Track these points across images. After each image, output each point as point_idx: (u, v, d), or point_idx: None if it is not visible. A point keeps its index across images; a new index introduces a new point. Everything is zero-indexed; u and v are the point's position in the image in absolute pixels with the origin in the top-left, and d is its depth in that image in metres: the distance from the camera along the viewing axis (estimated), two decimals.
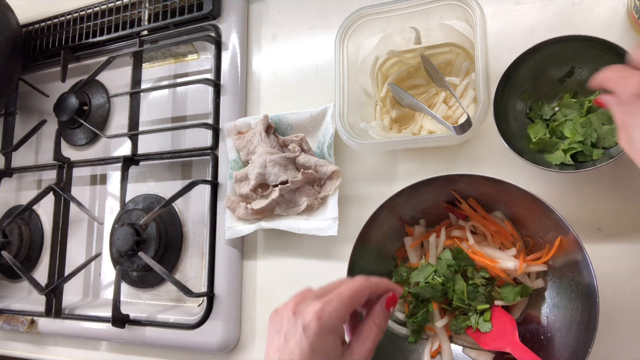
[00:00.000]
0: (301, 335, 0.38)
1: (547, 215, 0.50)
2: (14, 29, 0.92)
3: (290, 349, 0.38)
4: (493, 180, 0.51)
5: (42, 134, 0.99)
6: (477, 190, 0.56)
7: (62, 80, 0.93)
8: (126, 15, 0.90)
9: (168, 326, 0.75)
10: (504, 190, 0.52)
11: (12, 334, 0.91)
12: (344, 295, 0.40)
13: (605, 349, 0.53)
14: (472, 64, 0.65)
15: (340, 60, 0.66)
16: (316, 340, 0.38)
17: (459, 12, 0.61)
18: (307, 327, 0.38)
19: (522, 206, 0.53)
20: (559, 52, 0.56)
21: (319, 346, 0.38)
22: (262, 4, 0.82)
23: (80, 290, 0.90)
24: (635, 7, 0.55)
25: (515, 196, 0.52)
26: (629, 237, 0.55)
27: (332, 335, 0.39)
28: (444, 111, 0.65)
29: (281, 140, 0.72)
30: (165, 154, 0.83)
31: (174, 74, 0.89)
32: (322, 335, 0.38)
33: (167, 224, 0.83)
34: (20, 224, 0.96)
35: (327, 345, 0.38)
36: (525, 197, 0.50)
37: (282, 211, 0.70)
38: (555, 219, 0.49)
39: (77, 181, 0.93)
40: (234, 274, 0.73)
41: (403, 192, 0.54)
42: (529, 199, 0.50)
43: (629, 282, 0.54)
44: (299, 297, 0.41)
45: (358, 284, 0.42)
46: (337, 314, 0.39)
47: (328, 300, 0.40)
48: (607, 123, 0.55)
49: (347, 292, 0.40)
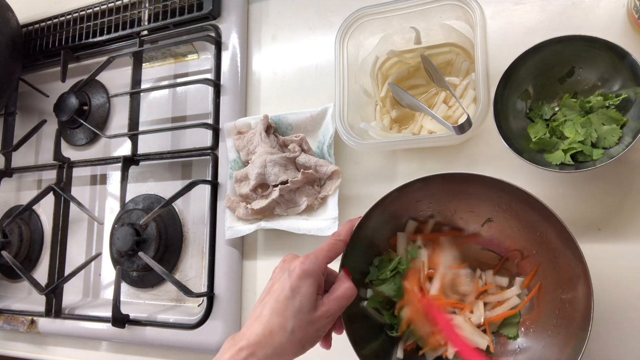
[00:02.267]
0: (285, 278, 0.46)
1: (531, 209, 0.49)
2: (14, 29, 0.92)
3: (275, 288, 0.46)
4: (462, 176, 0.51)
5: (42, 134, 0.99)
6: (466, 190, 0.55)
7: (62, 80, 0.93)
8: (126, 15, 0.90)
9: (168, 326, 0.75)
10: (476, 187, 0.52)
11: (12, 334, 0.91)
12: (322, 249, 0.49)
13: (606, 349, 0.53)
14: (472, 64, 0.65)
15: (340, 60, 0.66)
16: (296, 281, 0.45)
17: (459, 12, 0.61)
18: (292, 272, 0.46)
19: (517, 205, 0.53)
20: (559, 52, 0.56)
21: (298, 286, 0.45)
22: (262, 4, 0.82)
23: (80, 290, 0.90)
24: (635, 7, 0.55)
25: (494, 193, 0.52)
26: (629, 237, 0.55)
27: (310, 279, 0.46)
28: (444, 111, 0.65)
29: (281, 140, 0.72)
30: (165, 154, 0.83)
31: (174, 74, 0.89)
32: (302, 278, 0.46)
33: (167, 224, 0.83)
34: (20, 224, 0.96)
35: (305, 287, 0.45)
36: (517, 193, 0.49)
37: (282, 211, 0.70)
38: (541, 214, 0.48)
39: (77, 181, 0.93)
40: (234, 274, 0.73)
41: (390, 194, 0.53)
42: (521, 196, 0.49)
43: (629, 282, 0.54)
44: (291, 255, 0.49)
45: (332, 239, 0.51)
46: (317, 261, 0.47)
47: (309, 254, 0.48)
48: (607, 123, 0.55)
49: (325, 246, 0.50)
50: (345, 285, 0.49)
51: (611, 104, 0.55)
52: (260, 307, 0.46)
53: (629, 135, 0.53)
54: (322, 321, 0.46)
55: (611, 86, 0.56)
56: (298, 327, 0.44)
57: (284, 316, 0.44)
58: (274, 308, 0.45)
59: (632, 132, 0.53)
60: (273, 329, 0.44)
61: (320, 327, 0.46)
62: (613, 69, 0.55)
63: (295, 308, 0.44)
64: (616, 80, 0.55)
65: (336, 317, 0.48)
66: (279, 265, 0.49)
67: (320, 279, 0.48)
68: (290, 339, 0.44)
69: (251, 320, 0.46)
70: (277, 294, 0.45)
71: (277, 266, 0.49)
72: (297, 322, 0.44)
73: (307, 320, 0.45)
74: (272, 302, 0.45)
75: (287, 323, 0.44)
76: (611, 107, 0.55)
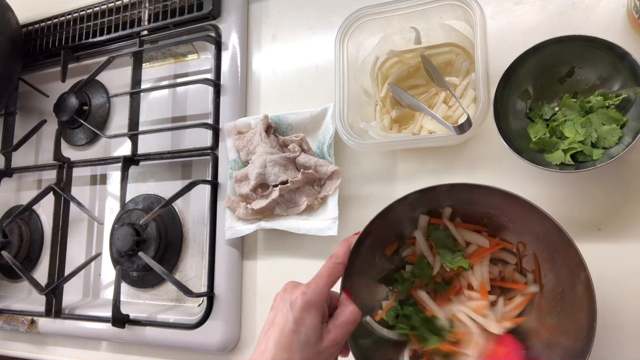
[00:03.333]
0: (288, 310, 0.45)
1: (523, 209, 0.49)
2: (14, 29, 0.92)
3: (278, 321, 0.45)
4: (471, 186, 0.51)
5: (42, 134, 0.99)
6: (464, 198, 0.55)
7: (62, 80, 0.93)
8: (126, 15, 0.90)
9: (168, 326, 0.75)
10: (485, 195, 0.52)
11: (12, 334, 0.91)
12: (321, 275, 0.48)
13: (606, 349, 0.53)
14: (472, 64, 0.65)
15: (340, 60, 0.66)
16: (300, 313, 0.44)
17: (459, 12, 0.61)
18: (294, 303, 0.45)
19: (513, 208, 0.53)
20: (559, 52, 0.56)
21: (302, 318, 0.44)
22: (262, 4, 0.82)
23: (80, 290, 0.90)
24: (635, 7, 0.55)
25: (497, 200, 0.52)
26: (629, 237, 0.55)
27: (314, 310, 0.45)
28: (444, 111, 0.65)
29: (281, 140, 0.72)
30: (165, 154, 0.83)
31: (174, 74, 0.89)
32: (305, 310, 0.44)
33: (167, 224, 0.83)
34: (20, 224, 0.96)
35: (309, 318, 0.44)
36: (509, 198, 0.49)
37: (282, 211, 0.70)
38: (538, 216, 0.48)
39: (77, 181, 0.93)
40: (234, 274, 0.73)
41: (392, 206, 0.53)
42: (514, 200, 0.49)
43: (629, 282, 0.54)
44: (292, 283, 0.49)
45: (331, 263, 0.50)
46: (318, 289, 0.46)
47: (310, 282, 0.47)
48: (607, 123, 0.55)
49: (324, 272, 0.48)
50: (349, 309, 0.48)
51: (611, 104, 0.55)
52: (265, 342, 0.44)
53: (629, 135, 0.53)
54: (329, 350, 0.45)
55: (611, 86, 0.56)
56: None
57: (290, 350, 0.43)
58: (279, 343, 0.43)
59: (632, 132, 0.53)
60: None
61: (329, 355, 0.45)
62: (613, 69, 0.55)
63: (301, 342, 0.43)
64: (616, 80, 0.55)
65: (343, 342, 0.47)
66: (280, 294, 0.48)
67: (324, 307, 0.47)
68: None
69: (257, 355, 0.44)
70: (281, 327, 0.44)
71: (278, 294, 0.48)
72: (304, 355, 0.43)
73: (315, 351, 0.44)
74: (276, 336, 0.44)
75: (294, 357, 0.43)
76: (611, 107, 0.55)
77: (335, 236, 0.65)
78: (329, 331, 0.46)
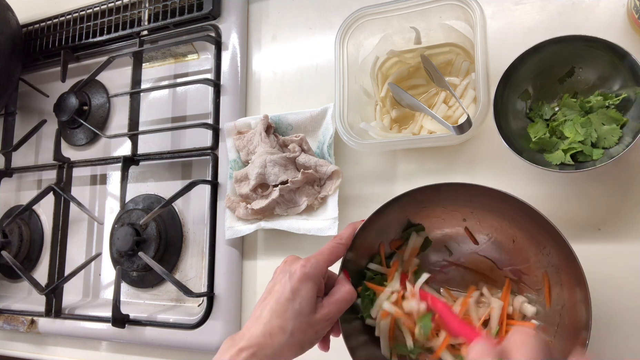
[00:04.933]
0: (286, 280, 0.46)
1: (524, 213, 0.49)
2: (14, 29, 0.92)
3: (276, 289, 0.47)
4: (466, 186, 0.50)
5: (42, 134, 0.99)
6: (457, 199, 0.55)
7: (62, 80, 0.93)
8: (126, 15, 0.90)
9: (168, 326, 0.75)
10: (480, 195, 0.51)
11: (12, 334, 0.91)
12: (323, 252, 0.50)
13: (606, 349, 0.53)
14: (472, 64, 0.65)
15: (340, 60, 0.66)
16: (297, 284, 0.46)
17: (459, 12, 0.61)
18: (292, 274, 0.47)
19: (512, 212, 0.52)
20: (559, 52, 0.56)
21: (298, 289, 0.46)
22: (262, 4, 0.82)
23: (80, 290, 0.90)
24: (635, 7, 0.55)
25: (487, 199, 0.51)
26: (629, 237, 0.55)
27: (311, 282, 0.46)
28: (444, 111, 0.65)
29: (281, 140, 0.72)
30: (165, 154, 0.83)
31: (174, 74, 0.89)
32: (302, 281, 0.46)
33: (167, 224, 0.83)
34: (20, 224, 0.96)
35: (305, 290, 0.46)
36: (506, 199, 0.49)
37: (282, 211, 0.70)
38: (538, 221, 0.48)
39: (77, 181, 0.93)
40: (234, 274, 0.73)
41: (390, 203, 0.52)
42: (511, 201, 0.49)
43: (629, 282, 0.54)
44: (292, 257, 0.50)
45: (334, 242, 0.51)
46: (317, 264, 0.48)
47: (310, 257, 0.49)
48: (607, 123, 0.55)
49: (326, 249, 0.50)
50: (345, 288, 0.49)
51: (611, 104, 0.55)
52: (261, 308, 0.46)
53: (629, 135, 0.53)
54: (321, 324, 0.47)
55: (611, 86, 0.56)
56: (297, 329, 0.45)
57: (284, 318, 0.45)
58: (274, 310, 0.45)
59: (632, 132, 0.53)
60: (273, 330, 0.44)
61: (320, 329, 0.47)
62: (613, 69, 0.55)
63: (295, 310, 0.45)
64: (616, 80, 0.55)
65: (335, 319, 0.49)
66: (280, 267, 0.49)
67: (321, 282, 0.48)
68: (289, 340, 0.44)
69: (251, 321, 0.46)
70: (278, 295, 0.46)
71: (279, 267, 0.50)
72: (296, 324, 0.45)
73: (307, 322, 0.46)
74: (272, 304, 0.46)
75: (287, 325, 0.45)
76: (611, 107, 0.55)
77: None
78: (322, 306, 0.47)
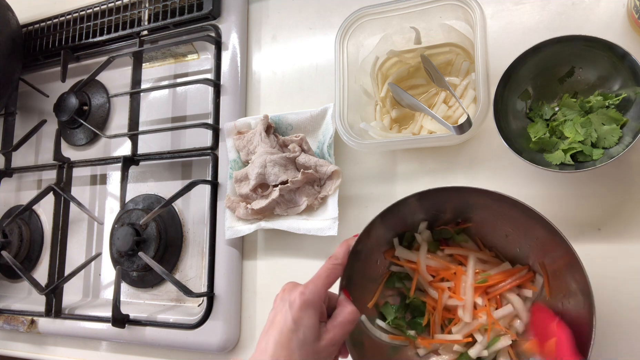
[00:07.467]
0: (287, 310, 0.46)
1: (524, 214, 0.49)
2: (14, 29, 0.92)
3: (277, 320, 0.46)
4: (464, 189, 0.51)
5: (42, 134, 0.99)
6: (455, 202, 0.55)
7: (62, 80, 0.93)
8: (126, 15, 0.90)
9: (168, 326, 0.75)
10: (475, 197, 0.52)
11: (12, 334, 0.91)
12: (320, 276, 0.49)
13: (606, 349, 0.53)
14: (472, 64, 0.65)
15: (340, 60, 0.66)
16: (298, 313, 0.45)
17: (459, 12, 0.61)
18: (292, 303, 0.46)
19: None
20: (559, 52, 0.56)
21: (300, 318, 0.45)
22: (262, 4, 0.82)
23: (80, 290, 0.90)
24: (635, 7, 0.55)
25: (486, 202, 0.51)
26: (629, 237, 0.55)
27: (312, 310, 0.46)
28: (444, 111, 0.65)
29: (281, 140, 0.72)
30: (165, 154, 0.83)
31: (174, 74, 0.89)
32: (303, 309, 0.45)
33: (167, 224, 0.83)
34: (20, 224, 0.96)
35: (307, 318, 0.45)
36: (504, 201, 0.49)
37: (282, 211, 0.70)
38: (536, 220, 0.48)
39: (77, 181, 0.93)
40: (234, 274, 0.73)
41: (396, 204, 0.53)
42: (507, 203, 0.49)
43: (629, 282, 0.54)
44: (291, 284, 0.49)
45: (329, 263, 0.50)
46: (316, 290, 0.47)
47: (308, 282, 0.48)
48: (607, 123, 0.55)
49: (323, 273, 0.49)
50: (347, 309, 0.48)
51: (611, 104, 0.55)
52: (265, 341, 0.46)
53: (629, 135, 0.53)
54: (327, 350, 0.46)
55: (611, 86, 0.56)
56: (304, 358, 0.44)
57: (289, 349, 0.44)
58: (279, 341, 0.44)
59: (632, 132, 0.53)
60: None
61: (326, 355, 0.46)
62: (613, 69, 0.55)
63: (299, 340, 0.44)
64: (616, 80, 0.55)
65: (341, 342, 0.48)
66: (280, 295, 0.49)
67: (322, 307, 0.48)
68: None
69: (257, 354, 0.45)
70: (281, 326, 0.45)
71: (278, 295, 0.49)
72: (303, 353, 0.44)
73: (313, 350, 0.45)
74: (276, 336, 0.45)
75: (293, 356, 0.44)
76: (611, 107, 0.55)
77: (335, 236, 0.65)
78: (327, 330, 0.47)
